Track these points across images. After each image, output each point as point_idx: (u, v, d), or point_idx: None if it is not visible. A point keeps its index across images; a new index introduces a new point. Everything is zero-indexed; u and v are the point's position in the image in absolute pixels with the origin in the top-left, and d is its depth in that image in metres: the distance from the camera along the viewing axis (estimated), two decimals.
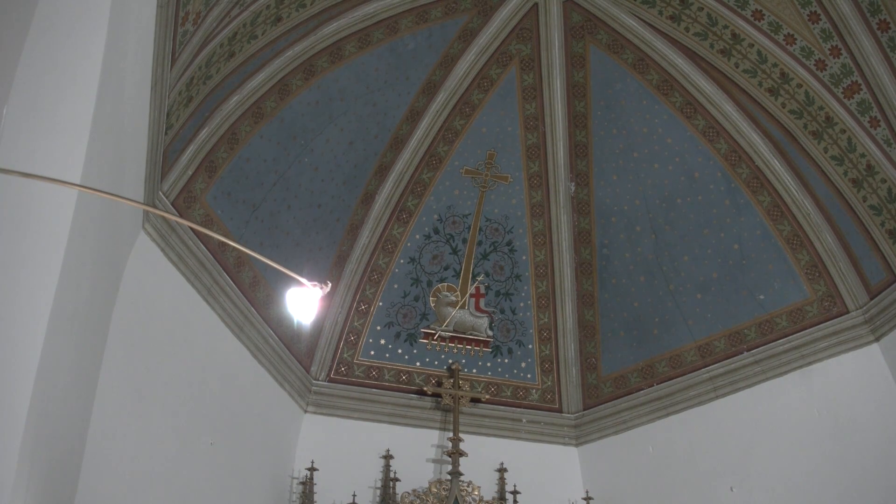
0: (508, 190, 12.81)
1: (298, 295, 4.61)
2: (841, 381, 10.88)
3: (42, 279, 5.61)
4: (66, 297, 5.96)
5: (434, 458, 12.29)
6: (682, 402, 12.01)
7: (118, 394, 8.38)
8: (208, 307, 10.08)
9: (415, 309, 12.68)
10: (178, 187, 9.68)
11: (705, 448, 11.71)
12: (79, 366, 7.12)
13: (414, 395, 12.47)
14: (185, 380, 9.54)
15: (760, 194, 11.50)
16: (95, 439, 8.00)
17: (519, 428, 12.73)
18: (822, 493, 10.64)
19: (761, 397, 11.42)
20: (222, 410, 10.15)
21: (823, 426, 10.85)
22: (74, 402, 7.17)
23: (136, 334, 8.75)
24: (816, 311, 11.20)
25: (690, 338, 12.05)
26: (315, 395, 12.07)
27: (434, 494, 11.71)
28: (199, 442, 9.66)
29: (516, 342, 12.95)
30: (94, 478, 7.90)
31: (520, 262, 12.92)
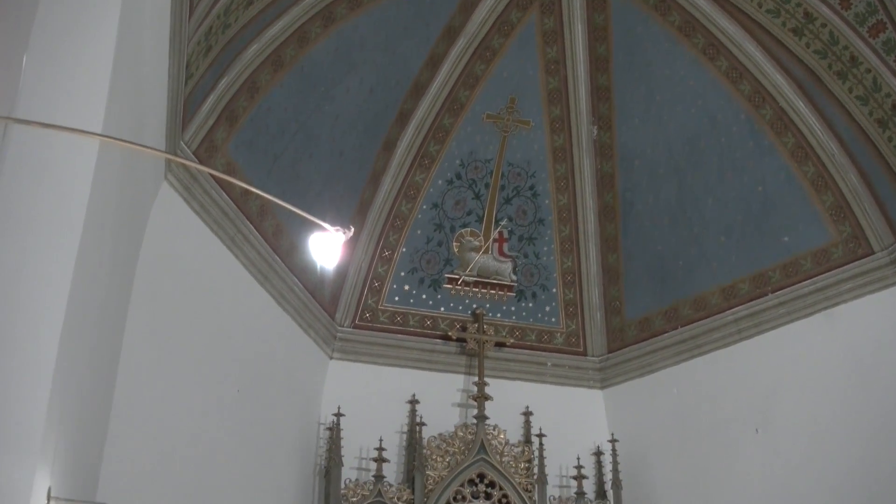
0: (530, 135, 12.74)
1: (321, 240, 4.61)
2: (866, 323, 10.83)
3: (65, 231, 5.62)
4: (89, 249, 5.98)
5: (459, 402, 12.36)
6: (706, 344, 12.00)
7: (144, 345, 8.45)
8: (232, 256, 10.11)
9: (438, 255, 12.70)
10: (200, 137, 9.67)
11: (729, 390, 11.72)
12: (104, 318, 7.16)
13: (439, 340, 12.52)
14: (210, 329, 9.59)
15: (784, 136, 11.39)
16: (122, 392, 8.08)
17: (544, 372, 12.78)
18: (847, 435, 10.64)
19: (786, 339, 11.40)
20: (248, 359, 10.21)
21: (848, 367, 10.82)
22: (100, 354, 7.23)
23: (160, 285, 8.79)
24: (841, 252, 11.12)
25: (714, 281, 12.01)
26: (340, 342, 12.13)
27: (460, 438, 11.79)
28: (225, 391, 9.73)
29: (540, 286, 12.96)
30: (122, 429, 7.98)
31: (542, 207, 12.89)
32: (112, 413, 8.00)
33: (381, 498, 11.17)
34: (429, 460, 11.54)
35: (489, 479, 11.59)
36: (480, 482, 11.58)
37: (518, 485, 11.59)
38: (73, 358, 5.81)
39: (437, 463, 11.58)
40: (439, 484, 11.40)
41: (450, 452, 11.68)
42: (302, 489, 11.19)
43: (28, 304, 5.29)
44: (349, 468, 11.39)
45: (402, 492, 11.35)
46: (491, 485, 11.58)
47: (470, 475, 11.57)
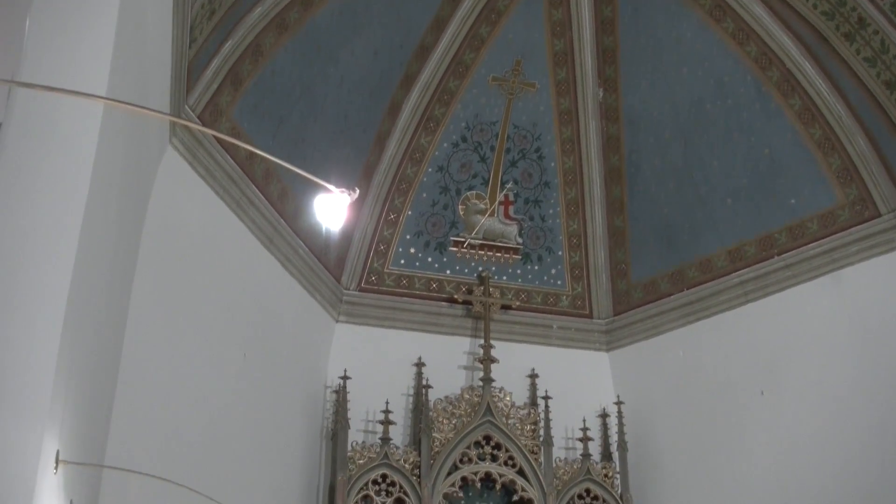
0: (536, 97, 12.69)
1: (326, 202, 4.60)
2: (872, 285, 10.82)
3: (71, 194, 5.61)
4: (95, 212, 5.98)
5: (466, 365, 12.39)
6: (712, 306, 12.01)
7: (150, 309, 8.46)
8: (238, 220, 10.10)
9: (444, 218, 12.68)
10: (204, 101, 9.63)
11: (735, 352, 11.73)
12: (110, 281, 7.18)
13: (444, 303, 12.53)
14: (216, 293, 9.61)
15: (791, 98, 11.33)
16: (129, 356, 8.10)
17: (550, 334, 12.79)
18: (853, 397, 10.66)
19: (792, 302, 11.40)
20: (254, 322, 10.24)
21: (854, 330, 10.82)
22: (107, 318, 7.24)
23: (166, 249, 8.80)
24: (847, 215, 11.09)
25: (720, 243, 11.99)
26: (346, 305, 12.14)
27: (466, 401, 11.83)
28: (231, 354, 9.76)
29: (546, 249, 12.95)
30: (130, 393, 8.02)
31: (548, 170, 12.86)
32: (119, 377, 8.03)
33: (388, 460, 11.23)
34: (435, 423, 11.58)
35: (495, 442, 11.63)
36: (486, 444, 11.62)
37: (524, 447, 11.63)
38: (80, 322, 5.83)
39: (444, 425, 11.62)
40: (445, 446, 11.45)
41: (456, 415, 11.73)
42: (309, 452, 11.25)
43: (34, 269, 5.30)
44: (356, 431, 11.44)
45: (409, 454, 11.40)
46: (497, 447, 11.62)
47: (476, 437, 11.61)
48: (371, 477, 11.14)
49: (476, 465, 11.50)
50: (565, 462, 11.86)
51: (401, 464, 11.27)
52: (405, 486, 11.16)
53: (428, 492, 11.15)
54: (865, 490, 10.32)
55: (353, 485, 11.02)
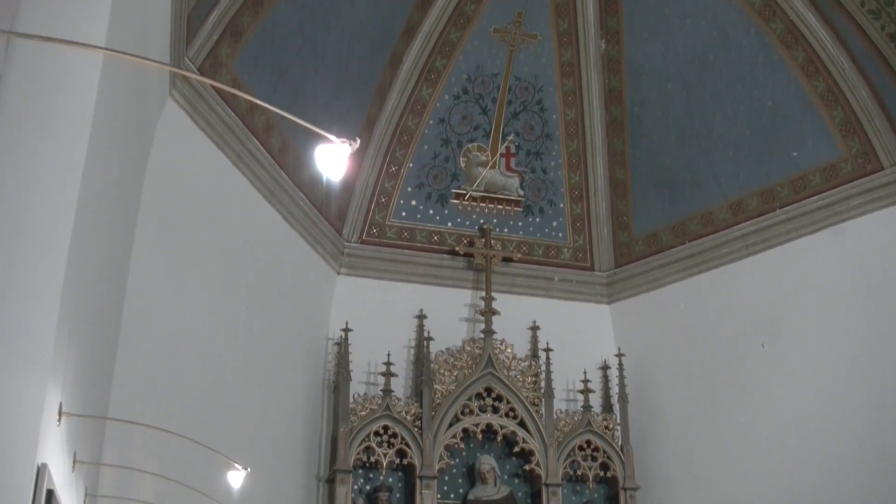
0: (538, 49, 12.61)
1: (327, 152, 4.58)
2: (874, 238, 10.82)
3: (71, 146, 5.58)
4: (96, 165, 5.95)
5: (467, 317, 12.42)
6: (713, 259, 12.02)
7: (152, 262, 8.46)
8: (238, 173, 10.07)
9: (445, 170, 12.65)
10: (204, 53, 9.55)
11: (737, 305, 11.76)
12: (112, 234, 7.17)
13: (446, 255, 12.54)
14: (217, 246, 9.60)
15: (794, 50, 11.25)
16: (131, 309, 8.11)
17: (551, 287, 12.81)
18: (854, 350, 10.69)
19: (793, 255, 11.40)
20: (256, 275, 10.24)
21: (855, 283, 10.83)
22: (109, 271, 7.24)
23: (167, 202, 8.78)
24: (850, 168, 11.06)
25: (722, 196, 11.98)
26: (348, 258, 12.14)
27: (467, 353, 11.87)
28: (234, 306, 9.77)
29: (547, 201, 12.93)
30: (132, 345, 8.03)
31: (550, 122, 12.81)
32: (122, 329, 8.04)
33: (390, 412, 11.28)
34: (436, 374, 11.63)
35: (496, 393, 11.68)
36: (488, 396, 11.68)
37: (525, 398, 11.68)
38: (81, 274, 5.82)
39: (445, 377, 11.66)
40: (447, 398, 11.50)
41: (457, 367, 11.77)
42: (311, 404, 11.30)
43: (34, 222, 5.28)
44: (357, 383, 11.48)
45: (410, 406, 11.45)
46: (498, 399, 11.68)
47: (477, 389, 11.66)
48: (373, 428, 11.20)
49: (477, 417, 11.56)
50: (566, 414, 11.92)
51: (402, 415, 11.32)
52: (407, 438, 11.22)
53: (429, 443, 11.21)
54: (865, 442, 10.37)
55: (354, 436, 11.08)
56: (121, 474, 7.29)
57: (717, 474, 11.47)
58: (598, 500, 11.88)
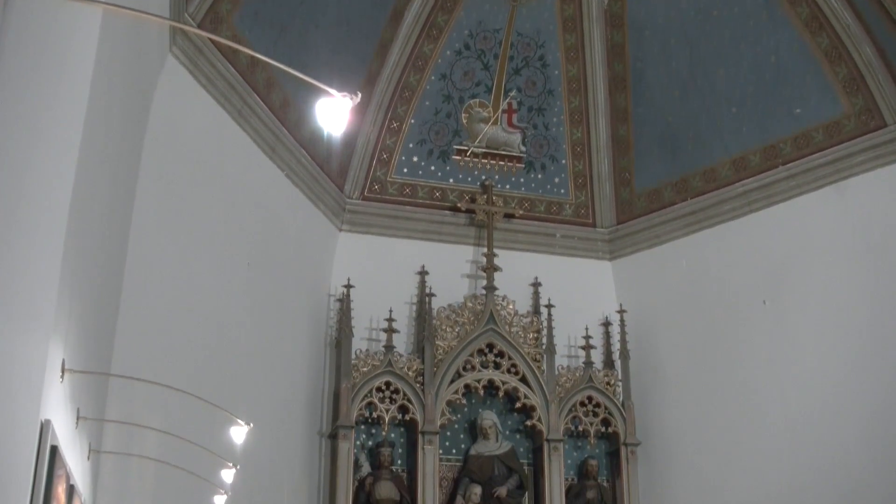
0: (540, 4, 12.51)
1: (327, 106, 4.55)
2: (876, 195, 10.79)
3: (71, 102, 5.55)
4: (96, 121, 5.92)
5: (469, 273, 12.43)
6: (715, 216, 12.01)
7: (153, 219, 8.45)
8: (239, 129, 10.03)
9: (447, 126, 12.61)
10: (204, 9, 9.46)
11: (738, 262, 11.76)
12: (113, 192, 7.16)
13: (448, 211, 12.52)
14: (219, 202, 9.58)
15: (798, 6, 11.15)
16: (133, 265, 8.11)
17: (553, 243, 12.81)
18: (855, 306, 10.70)
19: (795, 212, 11.39)
20: (257, 231, 10.23)
21: (857, 240, 10.82)
22: (111, 228, 7.24)
23: (168, 158, 8.75)
24: (853, 124, 11.01)
25: (725, 153, 11.94)
26: (349, 214, 12.14)
27: (469, 309, 11.89)
28: (235, 263, 9.77)
29: (549, 158, 12.91)
30: (135, 302, 8.04)
31: (552, 78, 12.75)
32: (124, 286, 8.05)
33: (392, 367, 11.33)
34: (438, 331, 11.66)
35: (498, 349, 11.72)
36: (489, 352, 11.72)
37: (527, 354, 11.72)
38: (83, 231, 5.82)
39: (447, 333, 11.69)
40: (449, 354, 11.54)
41: (459, 323, 11.80)
42: (313, 360, 11.34)
43: (35, 179, 5.26)
44: (359, 339, 11.52)
45: (412, 361, 11.49)
46: (500, 354, 11.72)
47: (479, 345, 11.70)
48: (375, 384, 11.25)
49: (479, 373, 11.60)
50: (567, 370, 11.96)
51: (404, 371, 11.36)
52: (409, 394, 11.27)
53: (431, 399, 11.26)
54: (864, 397, 10.41)
55: (357, 392, 11.12)
56: (124, 430, 7.32)
57: (718, 430, 11.53)
58: (599, 455, 11.96)
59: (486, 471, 11.47)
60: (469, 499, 11.28)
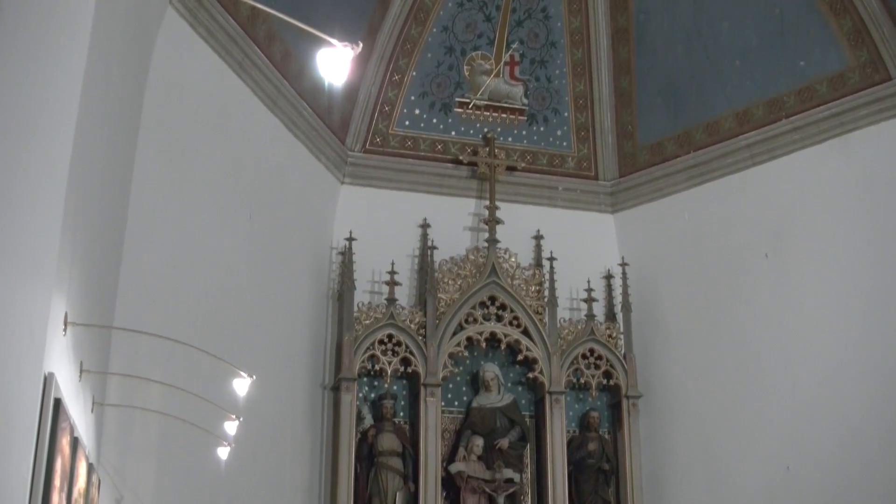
0: None
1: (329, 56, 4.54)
2: (880, 149, 10.74)
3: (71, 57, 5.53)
4: (96, 76, 5.90)
5: (471, 226, 12.43)
6: (718, 169, 11.97)
7: (155, 172, 8.43)
8: (241, 82, 9.97)
9: (449, 78, 12.55)
10: None
11: (741, 215, 11.74)
12: (114, 146, 7.14)
13: (450, 164, 12.50)
14: (220, 155, 9.55)
15: None
16: (135, 219, 8.10)
17: (555, 196, 12.79)
18: (858, 261, 10.69)
19: (798, 165, 11.35)
20: (259, 185, 10.21)
21: (861, 194, 10.79)
22: (112, 182, 7.23)
23: (169, 112, 8.72)
24: (858, 77, 10.93)
25: (728, 105, 11.87)
26: (351, 167, 12.11)
27: (471, 262, 11.90)
28: (238, 216, 9.76)
29: (552, 110, 12.85)
30: (137, 256, 8.05)
31: (555, 30, 12.66)
32: (126, 239, 8.05)
33: (394, 320, 11.35)
34: (440, 283, 11.67)
35: (500, 302, 11.74)
36: (492, 305, 11.74)
37: (529, 307, 11.74)
38: (84, 184, 5.82)
39: (449, 286, 11.71)
40: (451, 306, 11.56)
41: (461, 276, 11.81)
42: (315, 313, 11.36)
43: (37, 131, 5.25)
44: (362, 292, 11.55)
45: (415, 314, 11.52)
46: (502, 307, 11.74)
47: (481, 298, 11.72)
48: (377, 337, 11.28)
49: (481, 326, 11.63)
50: (569, 322, 11.99)
51: (406, 324, 11.39)
52: (411, 346, 11.31)
53: (433, 351, 11.30)
54: (865, 350, 10.44)
55: (359, 345, 11.16)
56: (127, 383, 7.36)
57: (719, 382, 11.57)
58: (601, 407, 12.01)
59: (487, 423, 11.53)
60: (471, 451, 11.34)
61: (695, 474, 11.61)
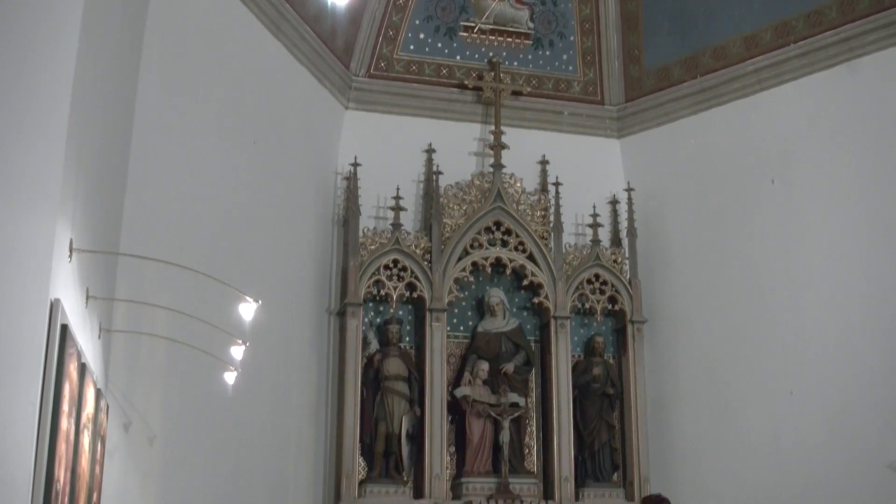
0: None
1: None
2: (889, 75, 10.58)
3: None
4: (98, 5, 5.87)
5: (476, 151, 12.39)
6: (725, 94, 11.87)
7: (158, 98, 8.39)
8: (243, 6, 9.84)
9: (454, 2, 12.41)
10: None
11: (747, 141, 11.68)
12: (117, 72, 7.10)
13: (455, 89, 12.41)
14: (224, 81, 9.49)
15: None
16: (139, 149, 8.09)
17: (561, 121, 12.73)
18: (864, 186, 10.64)
19: (806, 91, 11.23)
20: (263, 110, 10.15)
21: (869, 120, 10.68)
22: (114, 109, 7.20)
23: (171, 38, 8.63)
24: (867, 2, 10.69)
25: (736, 29, 11.72)
26: (356, 92, 12.03)
27: (476, 187, 11.87)
28: (242, 143, 9.72)
29: (557, 34, 12.73)
30: (141, 182, 8.04)
31: None
32: (130, 165, 8.04)
33: (399, 246, 11.36)
34: (445, 209, 11.66)
35: (505, 227, 11.74)
36: (497, 230, 11.74)
37: (534, 232, 11.74)
38: (87, 111, 5.79)
39: (454, 211, 11.70)
40: (456, 232, 11.56)
41: (466, 201, 11.80)
42: (321, 239, 11.37)
43: (38, 57, 5.22)
44: (367, 217, 11.55)
45: (420, 240, 11.52)
46: (507, 232, 11.74)
47: (486, 223, 11.72)
48: (382, 262, 11.30)
49: (486, 251, 11.64)
50: (575, 248, 11.99)
51: (412, 249, 11.40)
52: (416, 272, 11.33)
53: (439, 276, 11.33)
54: (874, 275, 10.44)
55: (364, 270, 11.18)
56: (134, 309, 7.40)
57: (724, 307, 11.60)
58: (606, 332, 12.06)
59: (493, 348, 11.58)
60: (476, 375, 11.41)
61: (698, 398, 11.69)
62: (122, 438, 7.76)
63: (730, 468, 11.24)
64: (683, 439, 11.70)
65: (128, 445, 7.85)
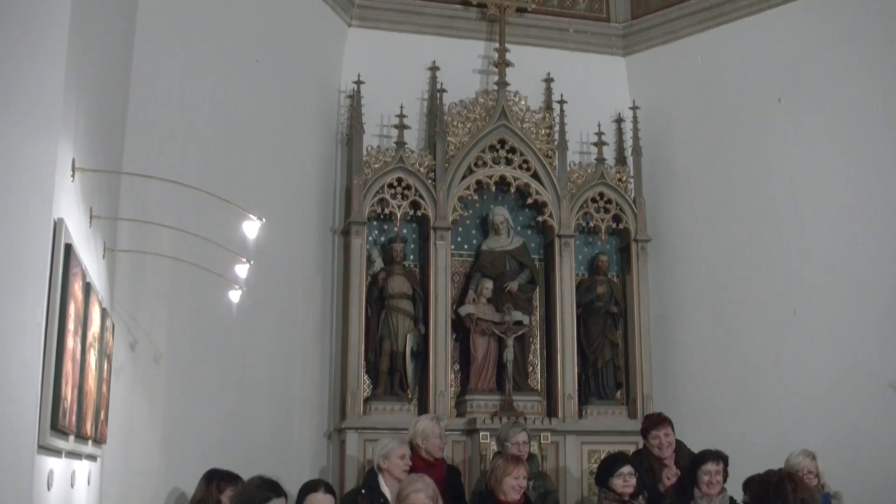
0: None
1: None
2: None
3: None
4: None
5: (480, 69, 12.29)
6: (733, 11, 11.71)
7: (159, 17, 8.31)
8: None
9: None
10: None
11: (754, 59, 11.56)
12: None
13: (459, 5, 12.26)
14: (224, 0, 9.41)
15: None
16: (140, 67, 8.03)
17: (566, 38, 12.60)
18: (872, 106, 10.53)
19: (814, 8, 11.04)
20: (265, 28, 10.05)
21: (878, 38, 10.39)
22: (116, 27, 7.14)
23: None
24: None
25: None
26: (358, 9, 11.89)
27: (481, 105, 11.80)
28: (244, 61, 9.64)
29: None
30: (143, 101, 8.00)
31: None
32: (132, 84, 7.99)
33: (403, 164, 11.32)
34: (450, 127, 11.60)
35: (510, 145, 11.68)
36: (501, 148, 11.68)
37: (538, 150, 11.69)
38: (87, 30, 5.74)
39: (458, 129, 11.64)
40: (460, 150, 11.51)
41: (470, 119, 11.73)
42: (324, 158, 11.33)
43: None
44: (370, 135, 11.48)
45: (424, 157, 11.47)
46: (512, 150, 11.68)
47: (491, 141, 11.65)
48: (387, 181, 11.26)
49: (491, 169, 11.60)
50: (579, 166, 11.95)
51: (416, 167, 11.36)
52: (420, 190, 11.30)
53: (443, 195, 11.30)
54: (880, 194, 10.43)
55: (368, 188, 11.15)
56: (138, 228, 7.40)
57: (729, 227, 11.59)
58: (610, 251, 12.07)
59: (497, 266, 11.59)
60: (481, 293, 11.43)
61: (702, 317, 11.74)
62: (128, 357, 7.82)
63: (732, 387, 11.31)
64: (686, 358, 11.77)
65: (134, 364, 7.92)
